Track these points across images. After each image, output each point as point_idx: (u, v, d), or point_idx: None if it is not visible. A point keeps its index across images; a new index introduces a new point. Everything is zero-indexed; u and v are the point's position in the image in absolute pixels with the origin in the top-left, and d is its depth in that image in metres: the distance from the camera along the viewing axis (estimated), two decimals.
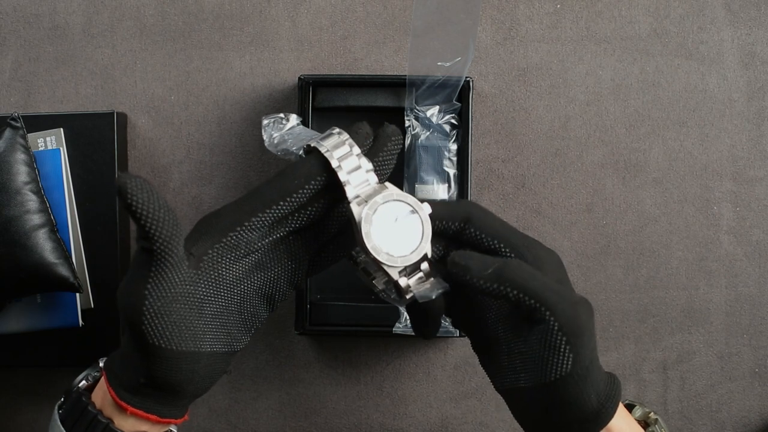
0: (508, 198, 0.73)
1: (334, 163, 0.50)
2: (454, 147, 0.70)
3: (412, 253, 0.50)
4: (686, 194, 0.73)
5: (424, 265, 0.51)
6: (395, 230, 0.50)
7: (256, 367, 0.75)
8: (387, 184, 0.51)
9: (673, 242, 0.73)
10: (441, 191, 0.69)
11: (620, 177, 0.73)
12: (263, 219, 0.50)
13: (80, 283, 0.68)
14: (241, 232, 0.50)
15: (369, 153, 0.52)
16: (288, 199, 0.50)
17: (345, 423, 0.75)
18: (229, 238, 0.50)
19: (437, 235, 0.52)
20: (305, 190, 0.50)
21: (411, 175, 0.70)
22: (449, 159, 0.70)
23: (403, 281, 0.50)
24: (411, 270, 0.51)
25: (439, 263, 0.53)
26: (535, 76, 0.73)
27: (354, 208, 0.50)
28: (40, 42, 0.74)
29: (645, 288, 0.73)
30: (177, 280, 0.49)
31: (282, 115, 0.57)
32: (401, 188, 0.69)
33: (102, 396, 0.52)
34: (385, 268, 0.50)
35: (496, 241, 0.51)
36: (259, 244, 0.51)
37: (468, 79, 0.68)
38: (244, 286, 0.51)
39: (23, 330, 0.70)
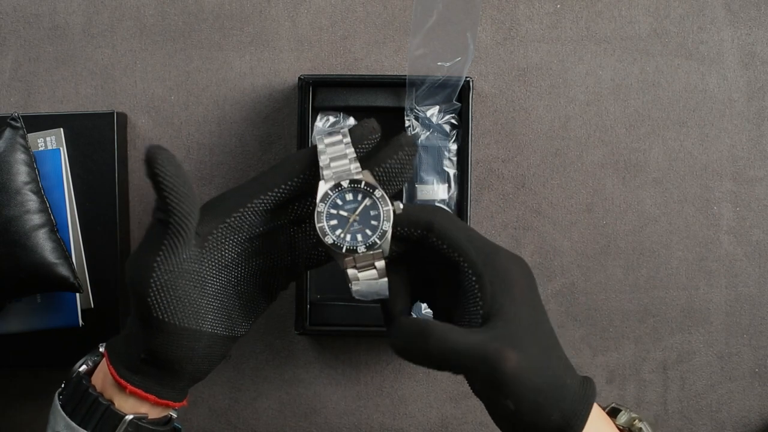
0: (508, 198, 0.73)
1: (319, 146, 0.50)
2: (454, 147, 0.70)
3: (361, 245, 0.50)
4: (686, 194, 0.73)
5: (380, 264, 0.50)
6: (356, 220, 0.50)
7: (256, 367, 0.75)
8: (365, 172, 0.50)
9: (673, 242, 0.73)
10: (441, 191, 0.69)
11: (620, 177, 0.73)
12: (264, 202, 0.51)
13: (80, 283, 0.68)
14: (244, 213, 0.51)
15: (376, 159, 0.51)
16: (288, 183, 0.51)
17: (345, 423, 0.75)
18: (233, 219, 0.51)
19: (401, 239, 0.52)
20: (304, 176, 0.51)
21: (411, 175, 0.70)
22: (449, 159, 0.70)
23: (351, 272, 0.50)
24: (364, 264, 0.50)
25: (396, 262, 0.52)
26: (535, 76, 0.73)
27: (320, 186, 0.50)
28: (40, 42, 0.74)
29: (645, 288, 0.73)
30: (185, 256, 0.49)
31: (341, 114, 0.58)
32: (402, 188, 0.70)
33: (102, 378, 0.52)
34: (331, 253, 0.50)
35: (456, 254, 0.50)
36: (261, 229, 0.52)
37: (468, 79, 0.68)
38: (244, 269, 0.52)
39: (23, 330, 0.70)
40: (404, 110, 0.69)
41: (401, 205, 0.50)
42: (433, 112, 0.69)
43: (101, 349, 0.54)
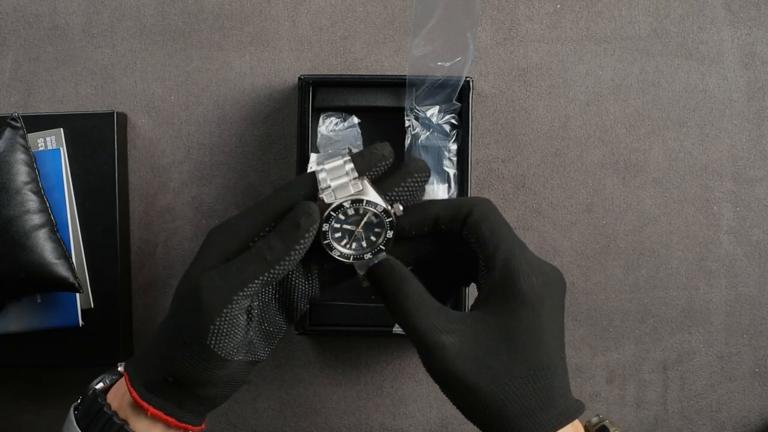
0: (508, 198, 0.73)
1: (319, 174, 0.51)
2: (454, 147, 0.70)
3: (368, 252, 0.52)
4: (686, 194, 0.73)
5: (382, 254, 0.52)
6: (360, 231, 0.51)
7: (256, 367, 0.75)
8: (365, 182, 0.51)
9: (673, 242, 0.73)
10: (441, 191, 0.69)
11: (620, 177, 0.73)
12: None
13: (80, 283, 0.68)
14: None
15: (385, 185, 0.52)
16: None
17: (345, 423, 0.75)
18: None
19: (444, 235, 0.53)
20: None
21: None
22: (449, 159, 0.70)
23: (357, 263, 0.52)
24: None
25: (431, 265, 0.54)
26: (535, 76, 0.73)
27: (319, 199, 0.51)
28: (40, 42, 0.74)
29: (645, 288, 0.73)
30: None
31: (344, 114, 0.58)
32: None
33: (120, 397, 0.52)
34: (338, 259, 0.52)
35: (479, 249, 0.51)
36: None
37: (468, 79, 0.68)
38: (264, 299, 0.53)
39: (23, 330, 0.70)
40: (404, 110, 0.69)
41: (401, 208, 0.51)
42: (433, 112, 0.69)
43: (120, 369, 0.54)
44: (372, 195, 0.50)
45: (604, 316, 0.73)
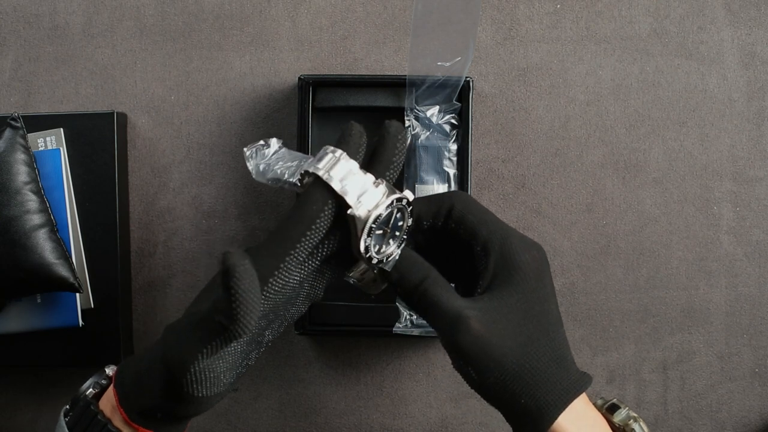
0: (508, 198, 0.73)
1: (336, 186, 0.49)
2: (454, 147, 0.70)
3: (393, 247, 0.52)
4: (686, 194, 0.73)
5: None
6: (388, 231, 0.51)
7: (256, 367, 0.75)
8: (388, 185, 0.51)
9: (673, 242, 0.73)
10: (441, 191, 0.69)
11: (620, 177, 0.73)
12: (297, 256, 0.49)
13: (80, 283, 0.68)
14: (277, 278, 0.50)
15: (382, 162, 0.51)
16: (313, 229, 0.49)
17: (345, 423, 0.75)
18: (267, 288, 0.50)
19: (427, 231, 0.54)
20: (323, 222, 0.49)
21: (411, 175, 0.70)
22: (449, 159, 0.70)
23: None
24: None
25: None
26: (535, 76, 0.73)
27: (358, 217, 0.50)
28: (40, 42, 0.74)
29: (645, 288, 0.73)
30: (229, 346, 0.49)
31: (262, 142, 0.56)
32: (402, 189, 0.70)
33: (111, 409, 0.52)
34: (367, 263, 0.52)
35: (470, 238, 0.52)
36: (292, 283, 0.51)
37: (468, 79, 0.68)
38: (265, 316, 0.52)
39: (23, 330, 0.70)
40: (404, 110, 0.69)
41: (412, 195, 0.52)
42: (433, 112, 0.69)
43: (108, 372, 0.54)
44: (394, 191, 0.51)
45: (604, 316, 0.73)
